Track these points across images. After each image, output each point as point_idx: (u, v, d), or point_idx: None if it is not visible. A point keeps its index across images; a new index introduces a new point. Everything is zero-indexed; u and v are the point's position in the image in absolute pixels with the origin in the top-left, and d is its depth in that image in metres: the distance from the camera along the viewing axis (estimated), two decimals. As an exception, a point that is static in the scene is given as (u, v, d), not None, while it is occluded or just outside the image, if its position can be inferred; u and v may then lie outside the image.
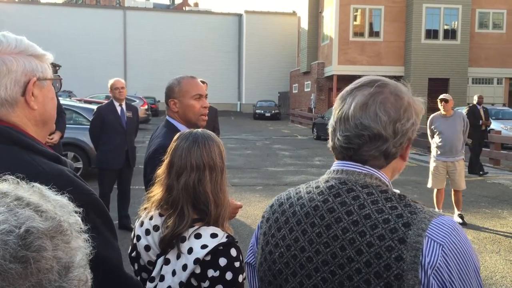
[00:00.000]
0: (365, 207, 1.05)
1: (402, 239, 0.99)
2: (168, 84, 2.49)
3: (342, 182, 1.11)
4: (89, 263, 1.08)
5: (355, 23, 26.54)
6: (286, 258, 1.11)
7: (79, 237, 0.70)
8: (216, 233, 1.56)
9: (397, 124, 1.08)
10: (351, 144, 1.10)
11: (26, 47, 1.17)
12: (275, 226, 1.16)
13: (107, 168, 6.09)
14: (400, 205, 1.04)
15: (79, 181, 1.13)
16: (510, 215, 7.56)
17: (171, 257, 1.57)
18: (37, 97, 1.18)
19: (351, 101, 1.11)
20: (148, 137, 13.31)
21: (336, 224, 1.06)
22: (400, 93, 1.11)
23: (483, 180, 10.83)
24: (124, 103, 6.22)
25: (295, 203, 1.16)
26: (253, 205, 7.92)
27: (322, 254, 1.06)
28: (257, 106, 34.97)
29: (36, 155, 1.13)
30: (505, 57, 26.45)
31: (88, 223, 1.10)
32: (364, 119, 1.08)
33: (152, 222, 1.65)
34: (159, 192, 1.66)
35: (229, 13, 42.52)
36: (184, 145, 1.64)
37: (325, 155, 15.10)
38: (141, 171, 9.10)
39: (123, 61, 39.79)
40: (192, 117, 2.43)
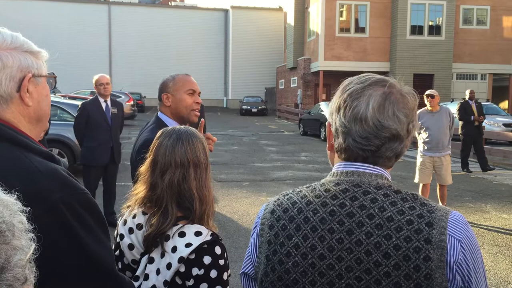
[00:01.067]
0: (385, 209, 1.04)
1: (428, 239, 1.00)
2: (162, 80, 2.52)
3: (355, 184, 1.09)
4: (82, 263, 1.07)
5: (341, 19, 26.60)
6: (303, 267, 1.06)
7: (22, 237, 0.69)
8: (200, 231, 1.55)
9: (410, 124, 1.09)
10: (370, 145, 1.08)
11: (22, 43, 1.16)
12: (284, 234, 1.10)
13: (92, 164, 6.04)
14: (417, 205, 1.05)
15: (73, 180, 1.12)
16: (493, 209, 7.67)
17: (155, 256, 1.55)
18: (32, 93, 1.16)
19: (367, 101, 1.07)
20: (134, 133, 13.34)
21: (358, 228, 1.03)
22: (404, 92, 1.11)
23: (467, 175, 10.96)
24: (109, 99, 6.16)
25: (305, 209, 1.10)
26: (240, 201, 7.92)
27: (345, 261, 1.03)
28: (244, 101, 34.93)
29: (30, 153, 1.12)
30: (488, 53, 26.76)
31: (81, 222, 1.09)
32: (383, 120, 1.06)
33: (136, 221, 1.63)
34: (143, 190, 1.64)
35: (215, 8, 42.34)
36: (167, 143, 1.62)
37: (312, 151, 15.15)
38: (126, 168, 9.12)
39: (108, 56, 39.42)
40: (183, 111, 2.45)
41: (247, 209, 7.40)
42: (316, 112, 19.87)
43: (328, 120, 1.19)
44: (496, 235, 6.22)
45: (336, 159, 1.17)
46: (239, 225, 6.52)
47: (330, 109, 1.16)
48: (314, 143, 17.75)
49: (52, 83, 2.87)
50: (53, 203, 1.05)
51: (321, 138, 18.66)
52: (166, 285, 1.51)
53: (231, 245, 5.39)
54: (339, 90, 1.15)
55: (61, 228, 1.05)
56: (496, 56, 26.83)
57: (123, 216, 1.70)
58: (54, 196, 1.05)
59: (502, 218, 7.10)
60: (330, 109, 1.15)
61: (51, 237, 1.04)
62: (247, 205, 7.64)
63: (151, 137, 2.23)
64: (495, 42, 26.83)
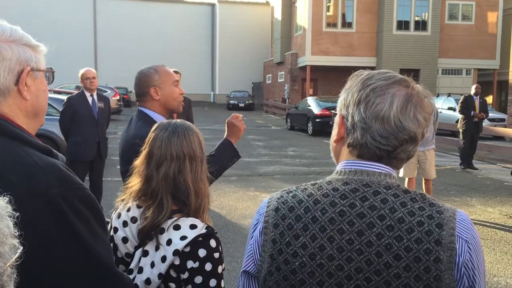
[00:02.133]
0: (396, 210, 1.03)
1: (438, 240, 1.01)
2: (141, 74, 2.42)
3: (365, 184, 1.07)
4: (80, 258, 1.05)
5: (328, 14, 26.65)
6: (311, 267, 1.04)
7: (6, 242, 0.66)
8: (195, 224, 1.55)
9: (425, 128, 1.10)
10: (388, 145, 1.07)
11: (21, 36, 1.15)
12: (290, 233, 1.08)
13: (78, 160, 5.97)
14: (426, 205, 1.05)
15: (71, 175, 1.10)
16: (478, 203, 7.77)
17: (149, 249, 1.55)
18: (30, 87, 1.15)
19: (391, 100, 1.06)
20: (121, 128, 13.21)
21: (369, 229, 1.02)
22: (423, 95, 1.10)
23: (453, 169, 11.08)
24: (95, 94, 6.09)
25: (312, 208, 1.08)
26: (228, 196, 7.91)
27: (354, 262, 1.02)
28: (231, 96, 34.87)
29: (28, 147, 1.10)
30: (473, 49, 27.04)
31: (80, 218, 1.07)
32: (404, 121, 1.05)
33: (130, 214, 1.62)
34: (137, 183, 1.64)
35: (202, 2, 42.11)
36: (163, 135, 1.62)
37: (299, 146, 15.19)
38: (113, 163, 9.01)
39: (94, 50, 39.02)
40: (173, 103, 2.44)
41: (235, 204, 7.40)
42: (303, 107, 19.91)
43: (340, 112, 1.15)
44: (482, 228, 6.31)
45: (344, 154, 1.15)
46: (227, 220, 6.52)
47: (345, 101, 1.13)
48: (301, 137, 17.80)
49: (50, 78, 2.84)
50: (51, 198, 1.03)
51: (308, 133, 18.71)
52: (161, 278, 1.51)
53: (222, 241, 5.38)
54: (358, 82, 1.11)
55: (60, 223, 1.04)
56: (481, 52, 27.14)
57: (117, 209, 1.69)
58: (53, 191, 1.04)
59: (487, 211, 7.20)
60: (346, 101, 1.12)
61: (49, 232, 1.03)
62: (235, 200, 7.64)
63: (142, 133, 2.20)
64: (480, 37, 27.12)
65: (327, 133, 19.67)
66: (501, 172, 10.76)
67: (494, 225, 6.45)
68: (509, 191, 8.59)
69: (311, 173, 10.18)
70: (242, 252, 5.24)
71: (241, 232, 5.97)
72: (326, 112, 18.17)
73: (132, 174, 1.68)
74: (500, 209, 7.33)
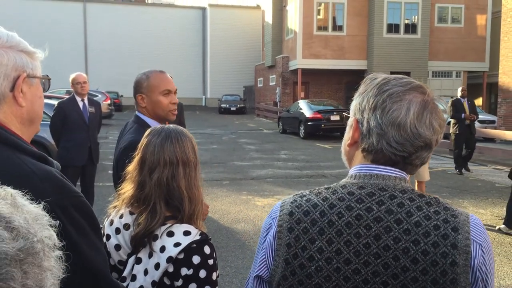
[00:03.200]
0: (412, 214, 1.04)
1: (454, 244, 1.02)
2: (136, 79, 2.42)
3: (381, 188, 1.08)
4: (75, 268, 1.03)
5: (319, 17, 26.75)
6: (327, 271, 1.04)
7: (51, 255, 0.62)
8: (189, 230, 1.53)
9: (440, 135, 1.10)
10: (403, 152, 1.07)
11: (18, 42, 1.13)
12: (306, 238, 1.07)
13: (70, 165, 5.90)
14: (440, 209, 1.06)
15: (67, 183, 1.09)
16: (470, 204, 7.81)
17: (142, 256, 1.53)
18: (25, 94, 1.13)
19: (407, 106, 1.06)
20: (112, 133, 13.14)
21: (386, 233, 1.03)
22: (437, 102, 1.11)
23: (444, 171, 11.14)
24: (86, 98, 6.05)
25: (328, 212, 1.07)
26: (220, 200, 7.88)
27: (371, 266, 1.02)
28: (223, 100, 34.84)
29: (23, 154, 1.08)
30: (463, 51, 27.27)
31: (76, 227, 1.05)
32: (420, 128, 1.06)
33: (123, 221, 1.60)
34: (130, 189, 1.62)
35: (193, 6, 42.11)
36: (156, 141, 1.60)
37: (291, 149, 15.20)
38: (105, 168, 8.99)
39: (84, 55, 38.85)
40: (161, 113, 2.38)
41: (228, 208, 7.38)
42: (295, 110, 19.93)
43: (354, 116, 1.14)
44: (474, 229, 6.33)
45: (358, 158, 1.14)
46: (219, 224, 6.49)
47: (360, 105, 1.12)
48: (293, 141, 17.81)
49: (46, 85, 2.79)
50: (47, 206, 1.01)
51: (300, 136, 18.73)
52: (154, 285, 1.49)
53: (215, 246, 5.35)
54: (373, 87, 1.11)
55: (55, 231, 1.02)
56: (471, 54, 27.37)
57: (110, 216, 1.66)
58: (49, 199, 1.02)
59: (479, 213, 7.23)
60: (361, 105, 1.12)
61: None
62: (227, 204, 7.61)
63: (137, 139, 2.19)
64: (469, 40, 27.35)
65: (319, 136, 19.74)
66: (492, 174, 10.84)
67: (486, 227, 6.48)
68: (500, 193, 8.65)
69: (303, 176, 10.18)
70: (235, 256, 5.21)
71: (234, 237, 5.94)
72: (318, 115, 18.21)
73: (124, 180, 1.66)
74: (491, 211, 7.37)
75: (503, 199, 7.92)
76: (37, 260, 0.57)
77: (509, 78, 17.42)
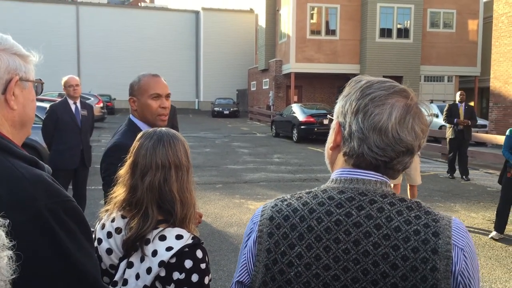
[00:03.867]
0: (392, 219, 1.03)
1: (435, 249, 1.00)
2: (131, 82, 2.44)
3: (361, 193, 1.06)
4: (66, 272, 1.03)
5: (312, 21, 26.84)
6: (306, 277, 1.03)
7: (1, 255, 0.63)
8: (182, 234, 1.52)
9: (422, 140, 1.09)
10: (385, 156, 1.06)
11: (11, 45, 1.13)
12: (285, 243, 1.06)
13: (62, 168, 5.87)
14: (421, 214, 1.04)
15: (58, 187, 1.08)
16: (462, 208, 7.85)
17: (134, 260, 1.51)
18: (17, 97, 1.13)
19: (389, 111, 1.04)
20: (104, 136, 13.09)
21: (366, 239, 1.01)
22: (421, 106, 1.10)
23: (436, 175, 11.19)
24: (78, 101, 6.03)
25: (308, 217, 1.06)
26: (213, 203, 7.87)
27: (351, 272, 1.01)
28: (216, 103, 34.82)
29: (13, 158, 1.07)
30: (455, 56, 27.46)
31: (67, 231, 1.05)
32: (402, 133, 1.04)
33: (114, 225, 1.59)
34: (122, 192, 1.60)
35: (186, 9, 42.09)
36: (148, 144, 1.59)
37: (284, 152, 15.21)
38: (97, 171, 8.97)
39: (77, 58, 38.69)
40: (149, 117, 2.34)
41: (221, 211, 7.36)
42: (288, 114, 19.96)
43: (337, 119, 1.13)
44: (466, 233, 6.35)
45: (340, 162, 1.13)
46: (212, 227, 6.47)
47: (343, 109, 1.11)
48: (286, 144, 17.82)
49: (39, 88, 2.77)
50: (38, 210, 1.01)
51: (293, 139, 18.75)
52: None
53: (207, 250, 5.33)
54: (356, 90, 1.10)
55: (46, 236, 1.02)
56: (462, 59, 27.57)
57: (101, 220, 1.65)
58: (39, 203, 1.02)
59: (470, 217, 7.27)
60: (344, 109, 1.10)
61: (35, 245, 1.01)
62: (220, 208, 7.59)
63: (121, 141, 2.19)
64: (461, 44, 27.56)
65: (312, 140, 19.79)
66: (484, 178, 10.90)
67: (477, 231, 6.51)
68: (492, 197, 8.70)
69: (296, 180, 10.18)
70: (228, 260, 5.20)
71: (227, 240, 5.93)
72: (311, 119, 18.24)
73: (116, 184, 1.64)
74: (483, 214, 7.41)
75: (495, 203, 7.96)
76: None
77: (501, 83, 17.56)
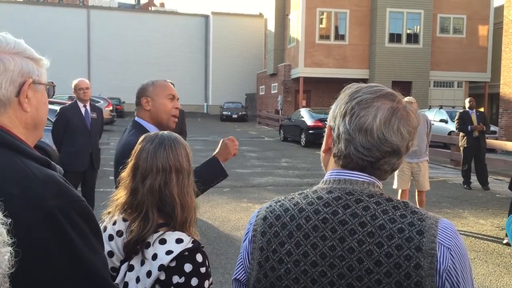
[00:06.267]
0: (377, 217, 1.05)
1: (418, 247, 1.02)
2: (141, 85, 2.51)
3: (348, 192, 1.10)
4: (76, 271, 1.05)
5: (321, 26, 26.84)
6: (295, 274, 1.07)
7: (1, 251, 0.66)
8: (182, 238, 1.52)
9: (410, 142, 1.12)
10: (370, 157, 1.09)
11: (24, 49, 1.16)
12: (276, 241, 1.11)
13: (71, 170, 5.91)
14: (407, 213, 1.07)
15: (69, 187, 1.11)
16: (470, 214, 7.79)
17: (135, 263, 1.52)
18: (31, 99, 1.16)
19: (375, 113, 1.08)
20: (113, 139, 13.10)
21: (351, 236, 1.05)
22: (409, 110, 1.13)
23: (445, 181, 11.12)
24: (88, 104, 6.08)
25: (297, 216, 1.11)
26: (221, 207, 7.88)
27: (337, 268, 1.04)
28: (224, 107, 34.89)
29: (26, 158, 1.10)
30: (465, 61, 27.29)
31: (77, 231, 1.07)
32: (387, 134, 1.08)
33: (116, 228, 1.60)
34: (123, 195, 1.62)
35: (196, 14, 42.29)
36: (150, 147, 1.60)
37: (292, 157, 15.19)
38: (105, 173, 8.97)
39: (87, 61, 38.99)
40: (164, 116, 2.44)
41: (228, 215, 7.37)
42: (297, 118, 19.94)
43: (328, 123, 1.19)
44: (474, 240, 6.31)
45: (331, 164, 1.18)
46: (219, 231, 6.48)
47: (333, 113, 1.16)
48: (294, 149, 17.81)
49: (51, 91, 2.84)
50: (49, 210, 1.03)
51: (301, 144, 18.73)
52: None
53: (212, 252, 5.34)
54: (346, 95, 1.15)
55: (57, 235, 1.04)
56: (472, 64, 27.39)
57: (103, 222, 1.66)
58: (51, 203, 1.04)
59: (479, 223, 7.21)
60: (334, 112, 1.16)
61: (46, 244, 1.03)
62: (227, 211, 7.60)
63: (134, 141, 2.21)
64: (471, 50, 27.39)
65: (320, 145, 19.94)
66: (493, 184, 10.80)
67: (486, 237, 6.46)
68: (501, 203, 8.62)
69: (304, 184, 10.17)
70: (234, 264, 5.20)
71: (234, 244, 5.93)
72: (319, 123, 18.21)
73: (118, 186, 1.66)
74: (492, 221, 7.35)
75: (504, 210, 7.90)
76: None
77: (511, 89, 17.42)
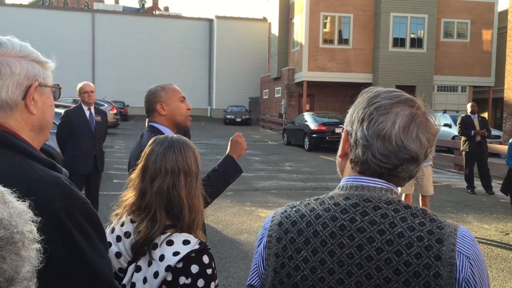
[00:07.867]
0: (396, 225, 1.04)
1: (438, 255, 1.01)
2: (149, 92, 2.56)
3: (365, 199, 1.08)
4: (81, 273, 1.06)
5: (325, 30, 26.86)
6: (312, 281, 1.06)
7: (31, 247, 0.69)
8: (189, 239, 1.54)
9: (428, 149, 1.10)
10: (388, 164, 1.07)
11: (30, 52, 1.18)
12: (292, 247, 1.09)
13: (75, 173, 5.94)
14: (426, 220, 1.06)
15: (74, 189, 1.12)
16: (474, 219, 7.77)
17: (142, 264, 1.54)
18: (37, 102, 1.17)
19: (393, 119, 1.06)
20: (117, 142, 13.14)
21: (369, 244, 1.03)
22: (429, 116, 1.11)
23: (449, 186, 11.09)
24: (93, 107, 6.11)
25: (314, 222, 1.09)
26: (224, 211, 7.88)
27: (355, 276, 1.03)
28: (228, 111, 34.91)
29: (32, 160, 1.11)
30: (469, 66, 27.25)
31: (82, 232, 1.08)
32: (406, 141, 1.06)
33: (124, 229, 1.62)
34: (132, 196, 1.64)
35: (200, 18, 42.39)
36: (159, 150, 1.62)
37: (296, 161, 15.19)
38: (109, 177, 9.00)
39: (91, 64, 39.12)
40: (180, 118, 2.56)
41: (231, 218, 7.37)
42: (300, 122, 19.95)
43: (345, 128, 1.17)
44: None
45: (348, 169, 1.16)
46: (223, 235, 6.49)
47: (351, 117, 1.14)
48: (298, 153, 17.80)
49: (56, 94, 2.87)
50: (54, 212, 1.04)
51: (305, 148, 18.72)
52: None
53: (215, 255, 5.32)
54: (364, 100, 1.13)
55: (62, 237, 1.05)
56: (476, 69, 27.35)
57: (111, 224, 1.68)
58: (56, 205, 1.05)
59: (483, 228, 7.19)
60: (351, 117, 1.14)
61: (51, 246, 1.04)
62: (231, 215, 7.61)
63: None
64: (475, 55, 27.35)
65: (324, 149, 19.73)
66: (497, 189, 10.75)
67: (490, 242, 6.44)
68: (505, 208, 8.59)
69: (307, 188, 10.17)
70: (238, 267, 5.21)
71: (237, 247, 5.93)
72: (323, 127, 18.22)
73: (127, 188, 1.68)
74: (496, 226, 7.33)
75: (508, 214, 7.88)
76: (15, 248, 0.64)
77: (515, 94, 17.38)
